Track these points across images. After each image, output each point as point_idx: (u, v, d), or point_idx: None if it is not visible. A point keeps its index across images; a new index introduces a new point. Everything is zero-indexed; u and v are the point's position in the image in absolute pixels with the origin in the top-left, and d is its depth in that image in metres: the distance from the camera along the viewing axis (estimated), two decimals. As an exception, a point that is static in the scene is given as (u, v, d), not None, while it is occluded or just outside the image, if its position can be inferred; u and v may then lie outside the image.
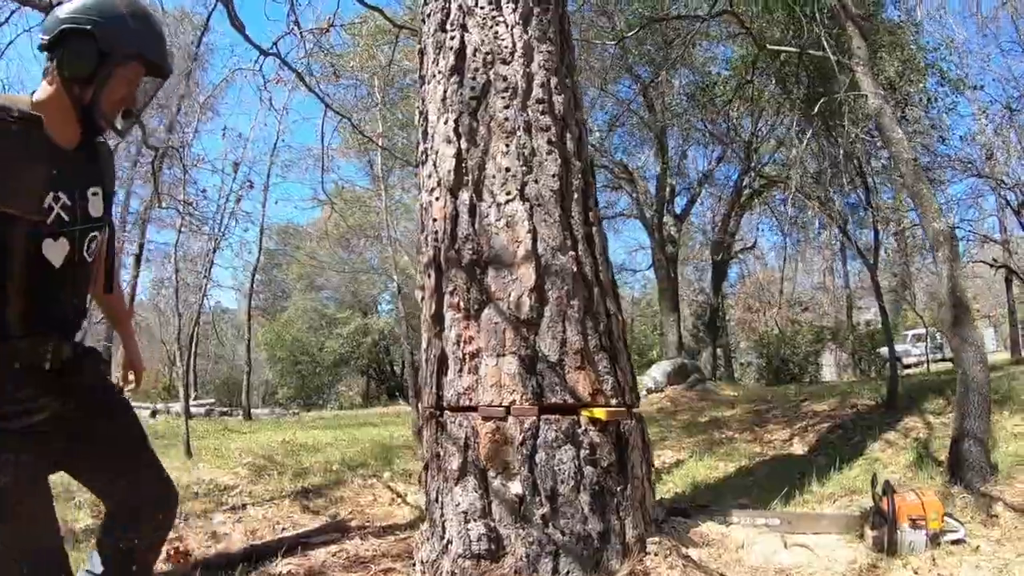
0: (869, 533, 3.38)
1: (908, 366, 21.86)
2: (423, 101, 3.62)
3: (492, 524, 2.73)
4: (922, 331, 23.12)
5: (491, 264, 3.09)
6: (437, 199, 3.32)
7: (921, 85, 9.76)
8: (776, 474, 5.43)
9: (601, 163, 15.68)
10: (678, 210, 17.42)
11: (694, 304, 25.18)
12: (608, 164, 16.13)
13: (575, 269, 3.10)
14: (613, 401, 2.96)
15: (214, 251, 13.69)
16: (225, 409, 17.77)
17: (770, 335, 24.37)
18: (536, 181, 3.20)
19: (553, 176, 3.21)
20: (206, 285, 16.69)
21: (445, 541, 2.81)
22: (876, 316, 28.42)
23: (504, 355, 2.92)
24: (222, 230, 13.81)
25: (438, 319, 3.19)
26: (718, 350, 15.84)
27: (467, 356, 3.01)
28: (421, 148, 3.61)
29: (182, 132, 11.42)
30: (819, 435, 6.95)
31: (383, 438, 9.30)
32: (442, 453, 2.95)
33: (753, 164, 13.05)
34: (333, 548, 3.39)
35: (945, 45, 11.30)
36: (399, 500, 5.02)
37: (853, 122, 6.51)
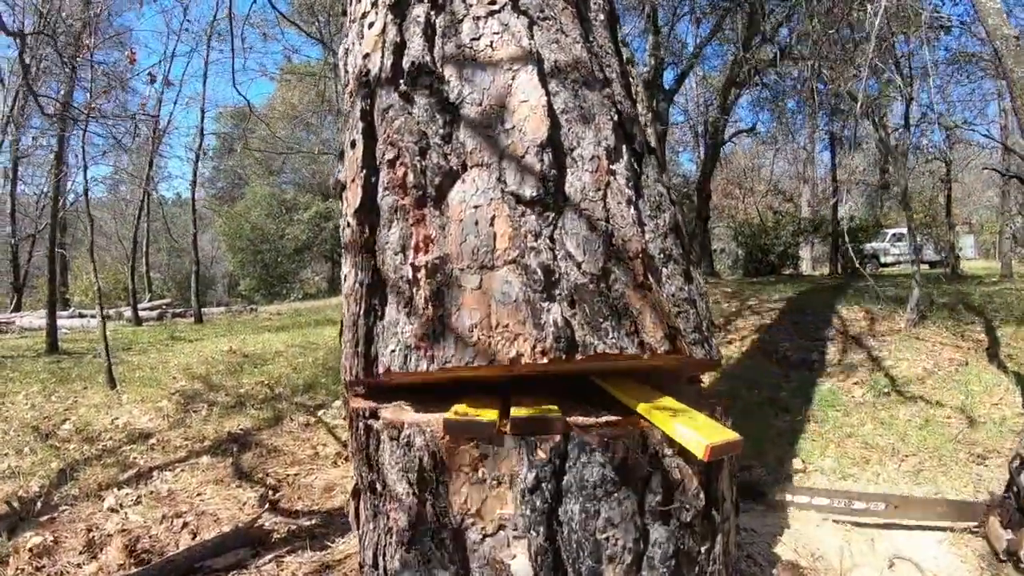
0: (1000, 533, 2.47)
1: (885, 264, 22.07)
2: None
3: (476, 622, 1.55)
4: (902, 230, 22.86)
5: (465, 105, 1.79)
6: (369, 23, 2.03)
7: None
8: (814, 409, 4.57)
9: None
10: (666, 86, 15.87)
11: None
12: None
13: (615, 115, 1.85)
14: (698, 352, 1.74)
15: (150, 163, 11.99)
16: (179, 310, 16.64)
17: (751, 224, 23.53)
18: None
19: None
20: (145, 192, 15.21)
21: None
22: (854, 211, 27.83)
23: (495, 267, 1.62)
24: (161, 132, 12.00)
25: (366, 212, 1.82)
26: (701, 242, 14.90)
27: (421, 274, 1.67)
28: None
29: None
30: (844, 353, 6.08)
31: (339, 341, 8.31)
32: (379, 486, 1.69)
33: (756, 42, 11.53)
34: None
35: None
36: (344, 455, 4.02)
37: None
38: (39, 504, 3.38)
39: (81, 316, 15.52)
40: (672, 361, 1.68)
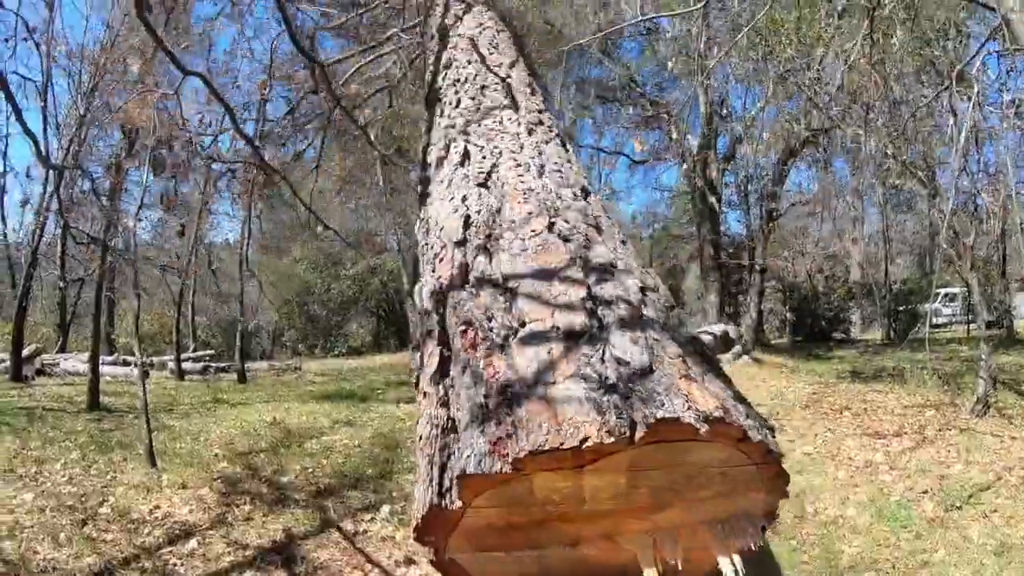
0: None
1: (936, 326, 21.45)
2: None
3: None
4: (954, 291, 22.24)
5: (521, 290, 2.29)
6: (440, 259, 2.67)
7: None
8: (883, 528, 4.24)
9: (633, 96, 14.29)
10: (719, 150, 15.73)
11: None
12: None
13: (639, 288, 2.35)
14: (755, 435, 1.78)
15: (199, 217, 12.21)
16: (223, 364, 16.60)
17: (799, 287, 22.96)
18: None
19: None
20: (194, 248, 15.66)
21: None
22: (905, 273, 27.06)
23: (556, 383, 1.87)
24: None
25: (441, 376, 2.17)
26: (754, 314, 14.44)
27: (492, 397, 1.88)
28: None
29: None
30: (909, 454, 5.69)
31: (388, 419, 8.20)
32: None
33: (816, 104, 11.32)
34: None
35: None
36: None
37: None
38: (71, 622, 3.21)
39: (125, 364, 15.49)
40: (730, 450, 1.80)
